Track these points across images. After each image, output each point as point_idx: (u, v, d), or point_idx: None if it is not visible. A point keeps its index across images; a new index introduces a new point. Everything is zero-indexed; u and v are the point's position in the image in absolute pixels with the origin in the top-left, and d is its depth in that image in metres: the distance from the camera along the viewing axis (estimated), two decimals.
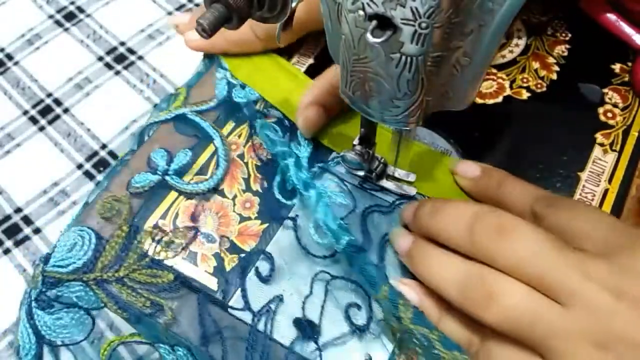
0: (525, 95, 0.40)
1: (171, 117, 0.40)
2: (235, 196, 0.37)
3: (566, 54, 0.42)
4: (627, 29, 0.40)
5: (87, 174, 0.62)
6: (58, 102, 0.67)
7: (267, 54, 0.42)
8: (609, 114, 0.39)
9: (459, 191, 0.36)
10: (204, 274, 0.34)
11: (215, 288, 0.34)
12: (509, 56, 0.42)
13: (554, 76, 0.41)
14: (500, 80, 0.41)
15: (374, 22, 0.23)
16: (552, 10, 0.44)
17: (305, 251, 0.34)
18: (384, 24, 0.23)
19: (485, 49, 0.25)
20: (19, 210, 0.60)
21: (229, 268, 0.34)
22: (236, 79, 0.41)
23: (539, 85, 0.40)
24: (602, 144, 0.38)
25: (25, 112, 0.67)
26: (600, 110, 0.39)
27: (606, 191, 0.36)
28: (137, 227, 0.36)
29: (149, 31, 0.72)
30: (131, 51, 0.71)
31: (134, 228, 0.36)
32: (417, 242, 0.31)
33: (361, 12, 0.23)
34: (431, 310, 0.30)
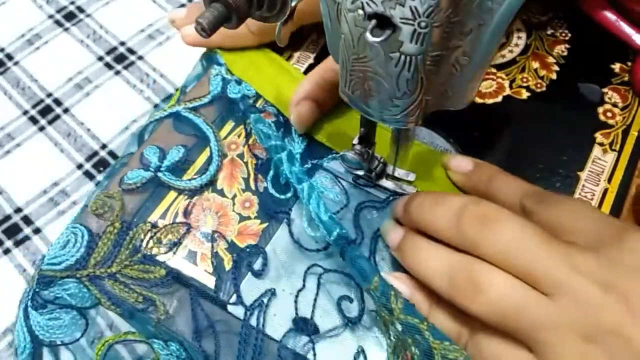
0: (525, 95, 0.40)
1: (165, 115, 0.40)
2: (235, 196, 0.37)
3: (566, 53, 0.42)
4: (627, 29, 0.40)
5: (87, 174, 0.62)
6: (58, 102, 0.67)
7: (261, 49, 0.42)
8: (609, 114, 0.39)
9: (458, 190, 0.36)
10: (203, 273, 0.34)
11: (213, 287, 0.34)
12: (509, 56, 0.42)
13: (554, 76, 0.41)
14: (499, 80, 0.41)
15: (373, 22, 0.23)
16: (552, 9, 0.44)
17: (298, 245, 0.34)
18: (383, 23, 0.23)
19: (484, 48, 0.25)
20: (19, 210, 0.60)
21: (228, 267, 0.34)
22: (231, 75, 0.41)
23: (538, 85, 0.40)
24: (601, 144, 0.38)
25: (25, 112, 0.67)
26: (600, 109, 0.39)
27: (606, 191, 0.36)
28: (129, 224, 0.36)
29: (149, 31, 0.72)
30: (131, 51, 0.70)
31: (126, 224, 0.36)
32: (407, 236, 0.31)
33: (360, 12, 0.23)
34: (422, 303, 0.30)
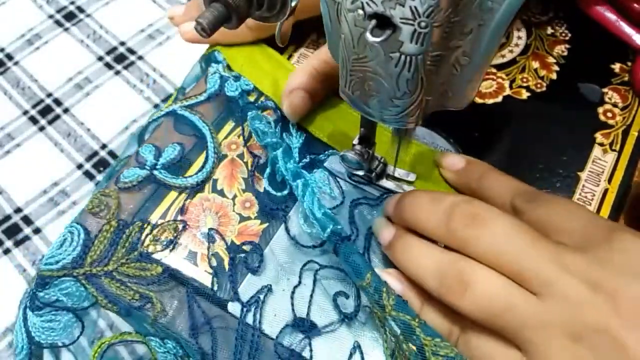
0: (525, 95, 0.40)
1: (162, 115, 0.40)
2: (235, 196, 0.37)
3: (566, 53, 0.42)
4: (627, 29, 0.40)
5: (87, 174, 0.62)
6: (58, 102, 0.67)
7: (258, 44, 0.42)
8: (609, 114, 0.39)
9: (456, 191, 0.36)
10: (204, 273, 0.34)
11: (215, 287, 0.34)
12: (509, 56, 0.42)
13: (554, 76, 0.41)
14: (500, 80, 0.41)
15: (373, 22, 0.23)
16: (552, 9, 0.44)
17: (294, 241, 0.35)
18: (383, 23, 0.23)
19: (484, 48, 0.25)
20: (19, 210, 0.60)
21: (228, 267, 0.34)
22: (229, 72, 0.42)
23: (538, 85, 0.40)
24: (601, 144, 0.38)
25: (25, 112, 0.67)
26: (600, 110, 0.39)
27: (606, 191, 0.36)
28: (125, 222, 0.36)
29: (149, 31, 0.72)
30: (131, 51, 0.71)
31: (122, 222, 0.36)
32: (398, 234, 0.31)
33: (360, 12, 0.23)
34: (414, 300, 0.30)
